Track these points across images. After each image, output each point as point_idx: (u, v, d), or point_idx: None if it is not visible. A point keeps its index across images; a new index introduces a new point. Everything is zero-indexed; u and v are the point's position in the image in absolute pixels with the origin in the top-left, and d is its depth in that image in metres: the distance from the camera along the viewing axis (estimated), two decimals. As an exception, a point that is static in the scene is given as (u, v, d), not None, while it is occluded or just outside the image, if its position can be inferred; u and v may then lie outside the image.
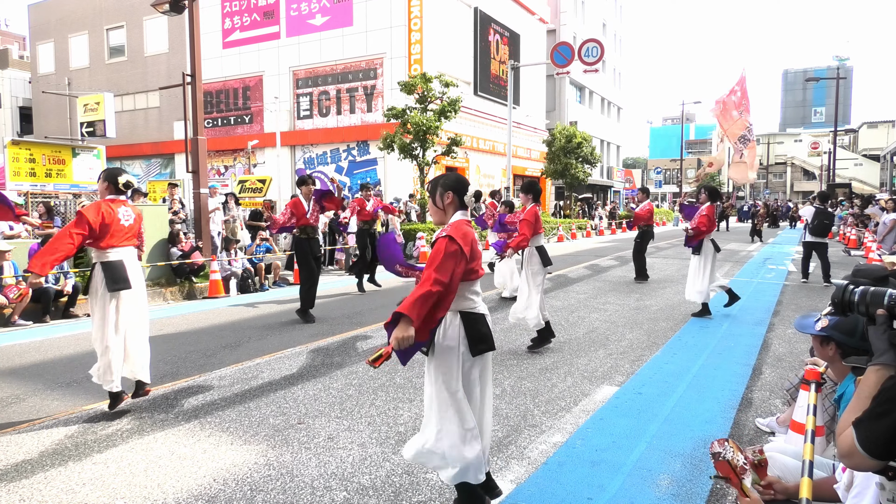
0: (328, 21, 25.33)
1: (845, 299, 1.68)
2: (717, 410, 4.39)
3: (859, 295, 1.66)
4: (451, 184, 2.92)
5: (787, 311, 8.25)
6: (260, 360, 5.91)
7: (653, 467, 3.46)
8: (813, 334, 2.70)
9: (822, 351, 2.70)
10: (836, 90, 33.80)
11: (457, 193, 2.89)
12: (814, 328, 2.62)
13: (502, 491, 3.05)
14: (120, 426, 4.18)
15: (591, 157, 29.46)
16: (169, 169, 30.33)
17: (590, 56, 20.96)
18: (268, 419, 4.27)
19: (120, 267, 4.42)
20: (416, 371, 5.43)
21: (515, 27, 30.95)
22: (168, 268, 10.39)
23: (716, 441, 2.26)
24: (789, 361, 5.67)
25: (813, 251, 10.99)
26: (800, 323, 2.79)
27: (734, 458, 2.18)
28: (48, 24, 33.49)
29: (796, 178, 73.56)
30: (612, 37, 45.29)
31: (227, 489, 3.24)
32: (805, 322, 2.74)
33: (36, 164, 12.85)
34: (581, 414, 4.32)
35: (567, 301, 9.10)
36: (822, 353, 2.72)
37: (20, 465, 3.56)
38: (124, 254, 4.51)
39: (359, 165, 25.36)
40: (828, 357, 2.69)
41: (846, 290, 1.69)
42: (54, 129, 31.65)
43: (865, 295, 1.64)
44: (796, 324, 2.84)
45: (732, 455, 2.19)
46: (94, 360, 4.53)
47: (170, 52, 29.48)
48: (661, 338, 6.67)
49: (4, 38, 54.94)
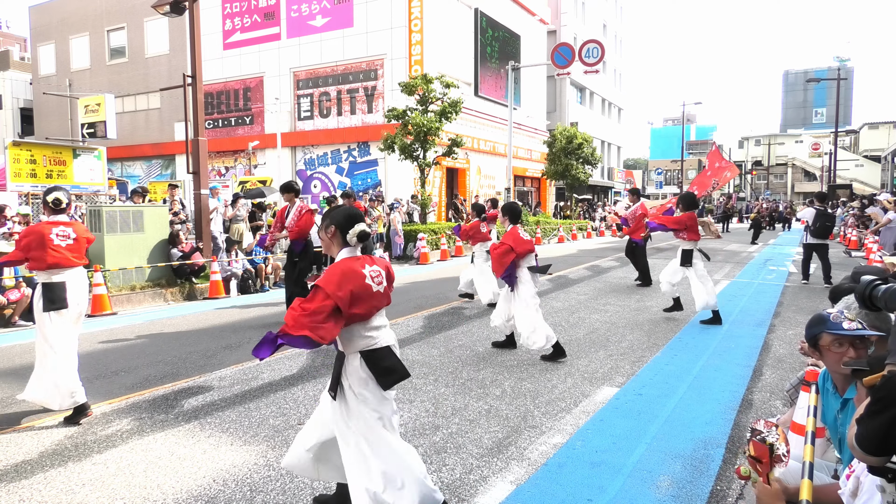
0: (329, 22, 25.35)
1: (866, 294, 1.69)
2: (718, 412, 4.38)
3: (883, 292, 1.67)
4: (337, 218, 2.72)
5: (787, 313, 8.24)
6: (260, 361, 5.91)
7: (653, 469, 3.46)
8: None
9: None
10: (837, 91, 33.79)
11: (339, 229, 2.69)
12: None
13: None
14: (120, 427, 4.18)
15: (591, 158, 29.45)
16: (170, 170, 30.34)
17: (590, 57, 20.97)
18: (268, 420, 4.27)
19: (60, 288, 4.33)
20: (416, 372, 5.43)
21: (516, 28, 30.96)
22: (168, 268, 10.40)
23: (764, 419, 2.18)
24: (790, 363, 5.66)
25: (814, 252, 10.99)
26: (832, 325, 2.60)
27: (777, 444, 2.08)
28: (49, 26, 33.52)
29: (797, 179, 73.50)
30: (612, 37, 45.31)
31: (226, 490, 3.24)
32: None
33: (37, 166, 12.86)
34: (581, 415, 4.32)
35: (567, 302, 9.10)
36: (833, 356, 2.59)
37: (20, 466, 3.56)
38: (69, 276, 4.41)
39: (359, 166, 25.36)
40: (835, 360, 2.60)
41: (871, 285, 1.70)
42: (55, 130, 31.68)
43: (888, 293, 1.65)
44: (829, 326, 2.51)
45: (776, 440, 2.09)
46: (95, 360, 4.52)
47: (170, 54, 29.50)
48: (662, 339, 6.66)
49: (5, 40, 55.00)
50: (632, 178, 53.28)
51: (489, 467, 3.49)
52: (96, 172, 14.30)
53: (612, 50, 44.17)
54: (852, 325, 2.37)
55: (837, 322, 2.39)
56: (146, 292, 9.75)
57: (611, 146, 47.21)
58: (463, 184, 26.92)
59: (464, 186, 26.84)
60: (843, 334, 2.36)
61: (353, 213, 2.77)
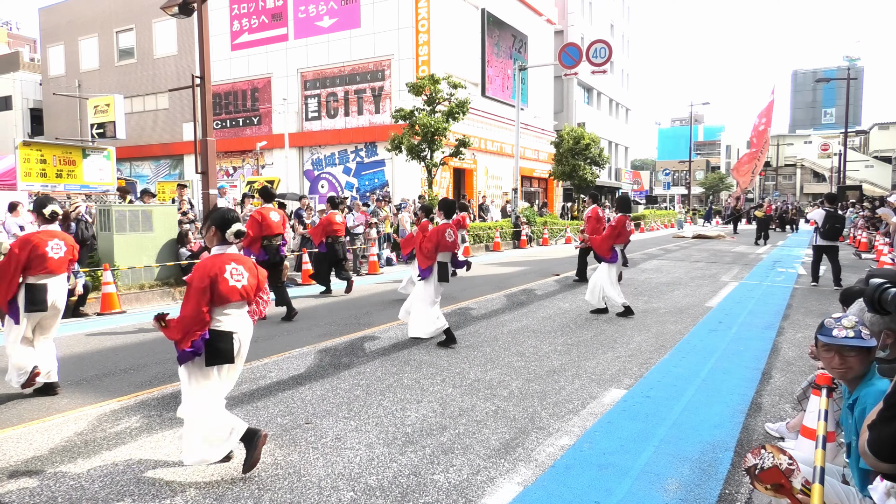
0: (336, 23, 25.41)
1: (876, 297, 1.68)
2: (727, 415, 4.36)
3: (893, 295, 1.66)
4: (216, 220, 3.38)
5: (797, 315, 8.18)
6: (268, 360, 5.93)
7: (661, 471, 3.44)
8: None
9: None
10: (846, 91, 33.53)
11: (219, 228, 3.37)
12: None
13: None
14: (129, 424, 4.20)
15: (599, 159, 29.38)
16: (178, 170, 30.50)
17: (598, 57, 20.92)
18: (275, 418, 4.28)
19: (42, 290, 4.72)
20: (423, 372, 5.43)
21: (523, 28, 30.92)
22: (177, 268, 10.45)
23: (749, 454, 2.10)
24: (799, 366, 5.63)
25: (823, 254, 10.90)
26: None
27: (778, 460, 2.02)
28: (58, 27, 33.78)
29: (806, 179, 73.04)
30: (619, 38, 45.16)
31: (234, 487, 3.25)
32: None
33: (47, 165, 12.95)
34: (589, 417, 4.31)
35: (574, 303, 9.08)
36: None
37: (30, 461, 3.59)
38: (51, 281, 4.79)
39: (367, 167, 25.40)
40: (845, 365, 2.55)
41: (880, 288, 1.69)
42: (65, 130, 31.90)
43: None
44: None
45: (774, 459, 2.03)
46: (105, 358, 4.55)
47: (179, 55, 29.65)
48: (670, 341, 6.63)
49: (15, 41, 55.45)
50: (639, 179, 53.08)
51: (496, 468, 3.48)
52: (105, 172, 14.38)
53: (620, 50, 44.01)
54: (842, 333, 2.31)
55: (829, 328, 2.36)
56: (155, 291, 9.81)
57: (618, 147, 47.05)
58: (470, 184, 26.92)
59: (471, 187, 26.84)
60: (829, 342, 2.32)
61: (230, 216, 3.41)
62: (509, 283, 11.29)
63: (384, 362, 5.80)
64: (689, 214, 42.49)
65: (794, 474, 2.04)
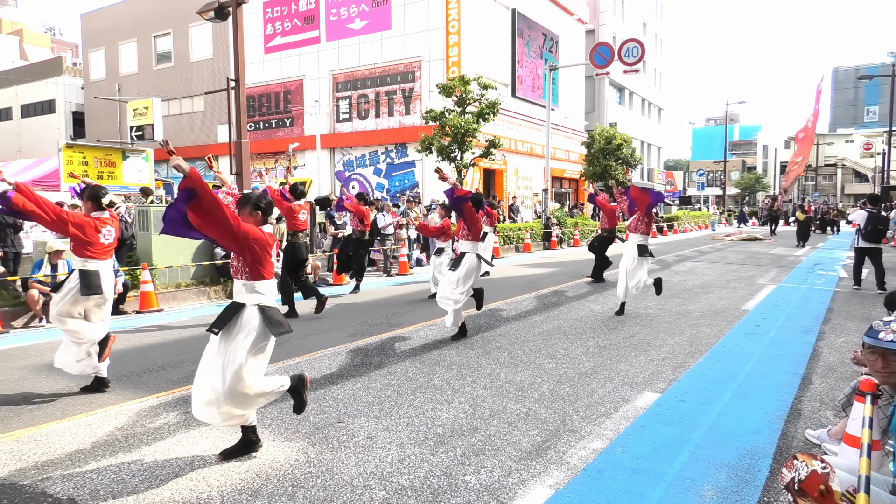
0: (367, 25, 25.63)
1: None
2: (764, 420, 4.25)
3: None
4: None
5: (838, 319, 7.93)
6: (300, 358, 6.02)
7: (696, 477, 3.38)
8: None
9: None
10: (891, 87, 32.36)
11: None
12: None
13: None
14: (167, 420, 4.31)
15: (631, 159, 28.96)
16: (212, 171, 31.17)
17: (630, 56, 20.65)
18: (308, 417, 4.33)
19: (95, 275, 4.89)
20: (454, 373, 5.44)
21: (554, 28, 30.71)
22: (212, 267, 10.67)
23: (783, 469, 2.04)
24: (841, 371, 5.45)
25: (866, 257, 10.55)
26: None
27: (813, 467, 1.95)
28: (99, 33, 34.87)
29: (847, 180, 70.79)
30: (652, 37, 44.50)
31: (269, 484, 3.30)
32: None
33: (88, 167, 13.38)
34: (621, 420, 4.25)
35: (607, 305, 8.97)
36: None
37: (74, 455, 3.71)
38: (101, 265, 4.96)
39: (397, 168, 25.56)
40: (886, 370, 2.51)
41: None
42: (105, 132, 32.90)
43: None
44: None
45: (808, 468, 1.96)
46: (143, 355, 4.67)
47: (214, 58, 30.30)
48: (705, 344, 6.50)
49: (59, 47, 57.45)
50: (672, 180, 52.17)
51: (528, 471, 3.47)
52: (144, 173, 14.80)
53: (653, 49, 43.36)
54: (889, 337, 2.23)
55: (877, 330, 2.29)
56: (191, 290, 10.03)
57: (651, 147, 46.34)
58: (500, 185, 26.84)
59: (501, 187, 26.76)
60: (874, 345, 2.26)
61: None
62: (540, 285, 11.22)
63: (415, 363, 5.83)
64: (724, 215, 41.60)
65: (831, 477, 1.98)
